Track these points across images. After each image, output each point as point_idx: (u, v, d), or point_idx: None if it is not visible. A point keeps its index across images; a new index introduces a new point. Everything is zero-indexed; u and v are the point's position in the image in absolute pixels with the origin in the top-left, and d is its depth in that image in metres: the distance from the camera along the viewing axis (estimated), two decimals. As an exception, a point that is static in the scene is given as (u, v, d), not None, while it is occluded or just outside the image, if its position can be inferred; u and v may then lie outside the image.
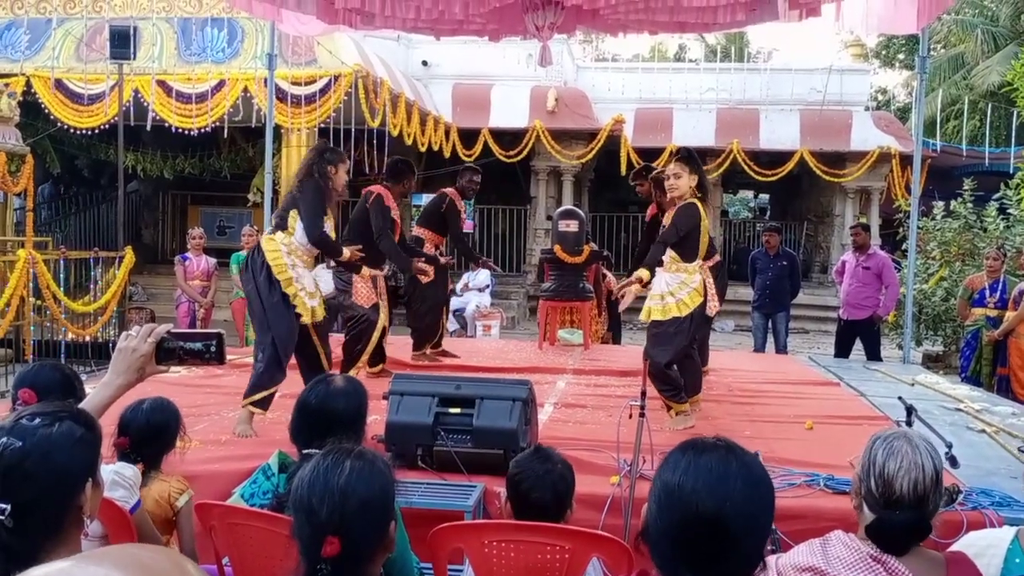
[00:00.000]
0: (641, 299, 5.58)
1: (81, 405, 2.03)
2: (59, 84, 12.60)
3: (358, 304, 6.66)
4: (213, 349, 2.21)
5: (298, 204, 5.36)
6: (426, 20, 7.19)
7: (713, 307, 5.66)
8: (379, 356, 6.94)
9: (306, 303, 5.29)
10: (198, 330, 2.32)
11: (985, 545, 2.45)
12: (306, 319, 5.30)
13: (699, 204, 5.45)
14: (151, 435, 3.35)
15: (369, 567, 1.91)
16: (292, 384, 5.04)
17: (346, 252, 5.74)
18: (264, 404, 5.18)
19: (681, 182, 5.42)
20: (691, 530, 1.63)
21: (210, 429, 5.06)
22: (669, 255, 5.47)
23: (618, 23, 7.29)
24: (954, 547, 2.56)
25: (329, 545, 1.81)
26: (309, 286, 5.37)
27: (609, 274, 10.79)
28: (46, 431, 1.66)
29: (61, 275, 9.73)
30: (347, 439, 2.41)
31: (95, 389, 2.22)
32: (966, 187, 12.92)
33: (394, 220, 6.96)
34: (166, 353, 2.20)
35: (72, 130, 13.16)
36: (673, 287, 5.41)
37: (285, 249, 5.28)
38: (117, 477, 3.02)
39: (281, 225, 5.38)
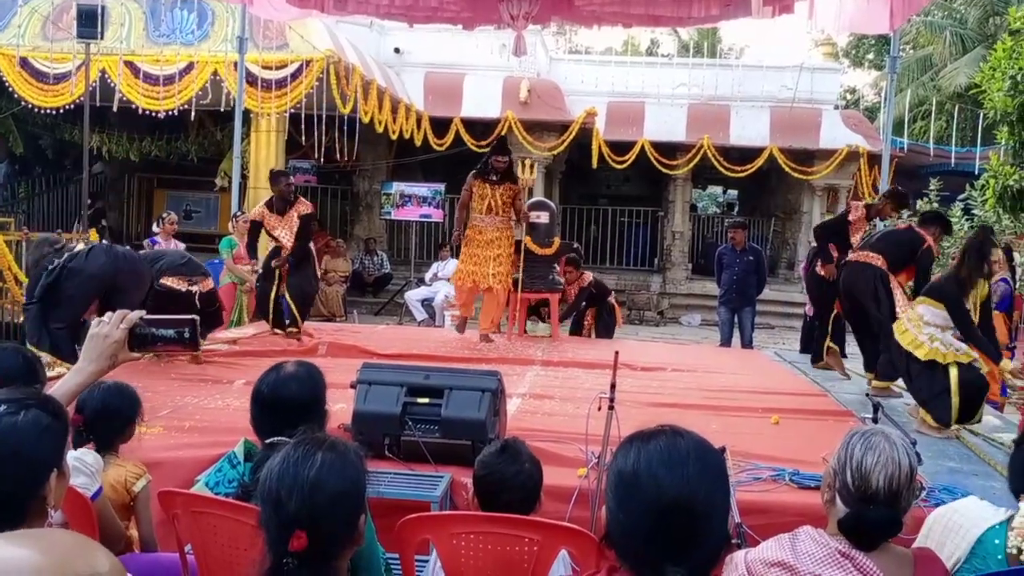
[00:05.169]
0: None
1: (51, 392, 1.98)
2: (24, 62, 12.36)
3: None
4: (186, 335, 2.18)
5: None
6: (400, 6, 7.14)
7: None
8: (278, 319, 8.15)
9: None
10: (171, 316, 2.27)
11: (960, 520, 2.49)
12: None
13: None
14: (105, 416, 3.30)
15: (337, 562, 1.87)
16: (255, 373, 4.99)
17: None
18: None
19: None
20: (659, 517, 1.60)
21: (174, 415, 5.00)
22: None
23: (593, 15, 7.28)
24: (928, 519, 2.60)
25: (296, 539, 1.77)
26: None
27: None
28: (11, 419, 1.61)
29: (23, 256, 9.56)
30: (309, 426, 2.36)
31: (65, 376, 2.17)
32: (932, 187, 13.06)
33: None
34: (139, 340, 2.16)
35: (37, 109, 12.91)
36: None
37: None
38: (78, 463, 2.96)
39: None
